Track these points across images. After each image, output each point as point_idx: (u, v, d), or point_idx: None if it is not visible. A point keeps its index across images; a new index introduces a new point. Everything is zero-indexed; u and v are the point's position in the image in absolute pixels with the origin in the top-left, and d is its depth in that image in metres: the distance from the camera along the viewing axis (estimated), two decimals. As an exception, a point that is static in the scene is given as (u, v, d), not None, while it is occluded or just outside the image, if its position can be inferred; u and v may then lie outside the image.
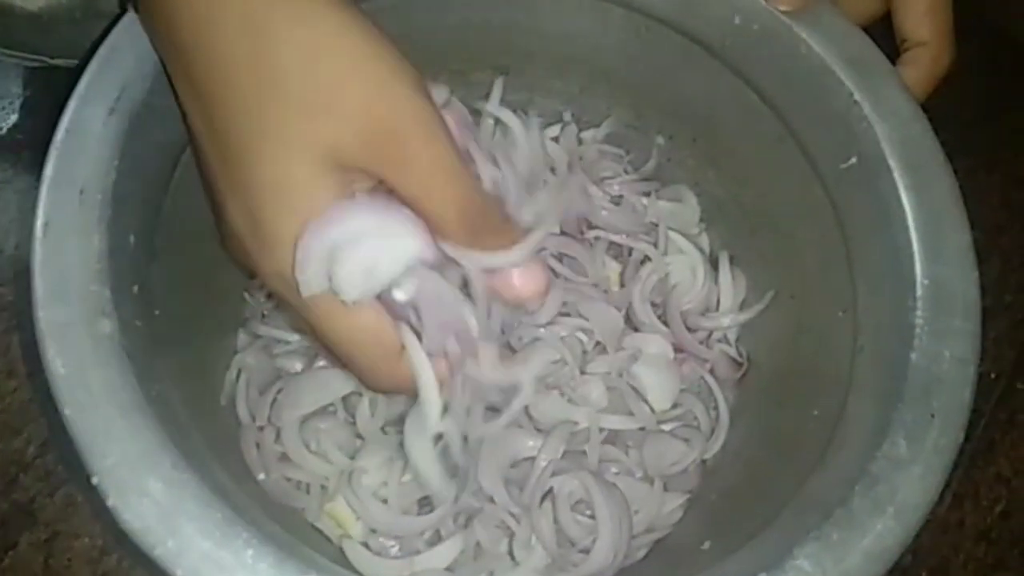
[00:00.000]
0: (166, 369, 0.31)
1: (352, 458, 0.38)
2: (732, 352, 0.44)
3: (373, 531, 0.38)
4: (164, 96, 0.32)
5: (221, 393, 0.39)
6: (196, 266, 0.38)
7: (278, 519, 0.36)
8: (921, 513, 0.28)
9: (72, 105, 0.30)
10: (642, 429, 0.42)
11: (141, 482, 0.25)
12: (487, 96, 0.46)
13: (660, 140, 0.47)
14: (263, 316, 0.43)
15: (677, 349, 0.43)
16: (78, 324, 0.27)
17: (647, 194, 0.46)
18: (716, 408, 0.43)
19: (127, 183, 0.30)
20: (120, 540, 0.27)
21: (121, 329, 0.28)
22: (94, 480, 0.25)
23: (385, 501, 0.38)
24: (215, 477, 0.27)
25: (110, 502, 0.25)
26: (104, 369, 0.27)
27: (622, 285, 0.45)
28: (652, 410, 0.42)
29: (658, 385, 0.43)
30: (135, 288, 0.30)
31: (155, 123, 0.32)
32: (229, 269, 0.42)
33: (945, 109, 0.36)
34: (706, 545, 0.36)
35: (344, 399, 0.40)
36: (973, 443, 0.48)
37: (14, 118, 0.52)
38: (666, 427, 0.42)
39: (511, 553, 0.38)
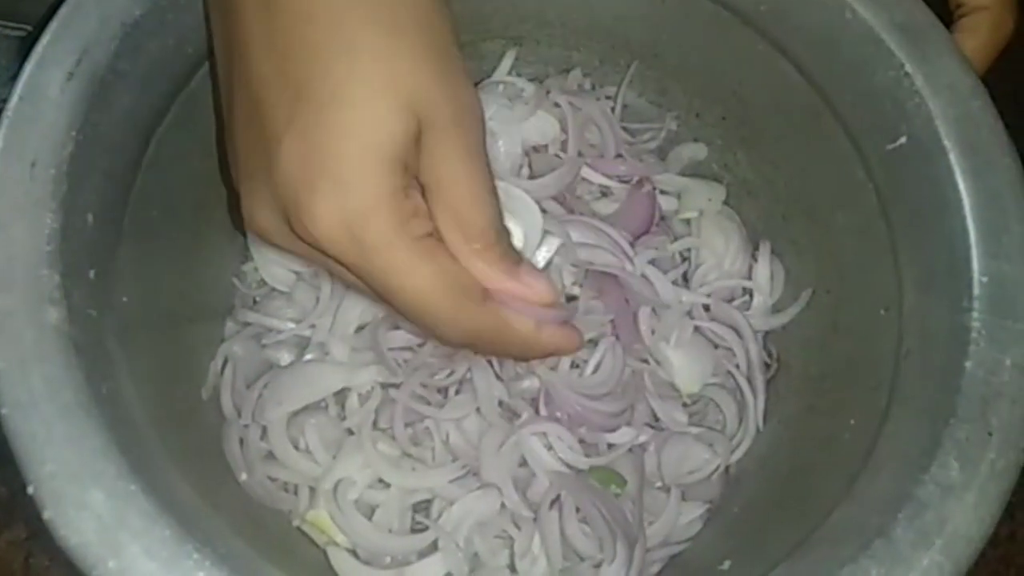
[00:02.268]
0: (133, 363, 0.28)
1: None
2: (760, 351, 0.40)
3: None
4: (132, 60, 0.29)
5: (203, 386, 0.36)
6: (175, 249, 0.35)
7: (257, 524, 0.34)
8: (974, 547, 0.25)
9: (28, 69, 0.28)
10: (662, 430, 0.38)
11: (81, 493, 0.22)
12: (499, 67, 0.42)
13: (685, 117, 0.43)
14: (254, 302, 0.40)
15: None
16: (21, 313, 0.24)
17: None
18: (744, 409, 0.39)
19: (86, 156, 0.27)
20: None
21: (70, 319, 0.25)
22: (30, 489, 0.23)
23: (373, 511, 0.35)
24: (171, 487, 0.25)
25: (46, 514, 0.22)
26: (47, 364, 0.24)
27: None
28: (679, 393, 0.39)
29: (686, 365, 0.39)
30: (92, 273, 0.27)
31: (122, 90, 0.29)
32: (215, 253, 0.39)
33: (1005, 84, 0.31)
34: (726, 565, 0.33)
35: (336, 394, 0.37)
36: None
37: (5, 90, 0.49)
38: (693, 430, 0.39)
39: (512, 566, 0.35)
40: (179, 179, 0.35)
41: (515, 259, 0.27)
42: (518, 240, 0.30)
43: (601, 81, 0.43)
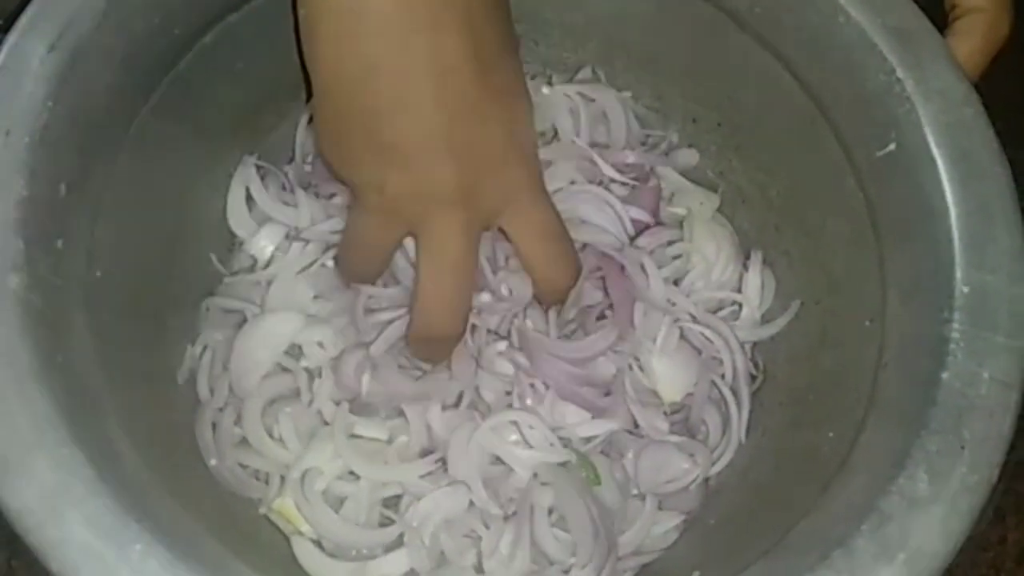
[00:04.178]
0: (100, 339, 0.28)
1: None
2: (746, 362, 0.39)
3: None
4: (116, 37, 0.29)
5: (179, 370, 0.36)
6: (158, 230, 0.35)
7: (221, 512, 0.34)
8: (938, 563, 0.24)
9: (10, 39, 0.28)
10: (641, 437, 0.37)
11: (26, 458, 0.22)
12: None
13: (681, 123, 0.42)
14: (235, 288, 0.40)
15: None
16: (-19, 277, 0.24)
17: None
18: (727, 421, 0.38)
19: (61, 127, 0.28)
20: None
21: (31, 285, 0.25)
22: (-26, 452, 0.22)
23: (342, 502, 0.34)
24: (120, 461, 0.24)
25: (-10, 478, 0.22)
26: (2, 329, 0.24)
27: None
28: (660, 400, 0.38)
29: (670, 372, 0.38)
30: (59, 243, 0.27)
31: (104, 66, 0.29)
32: (199, 236, 0.39)
33: (997, 91, 0.31)
34: (695, 575, 0.32)
35: (308, 377, 0.36)
36: (1018, 452, 0.43)
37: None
38: (672, 438, 0.38)
39: (478, 566, 0.35)
40: (164, 163, 0.35)
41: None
42: None
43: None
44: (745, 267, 0.40)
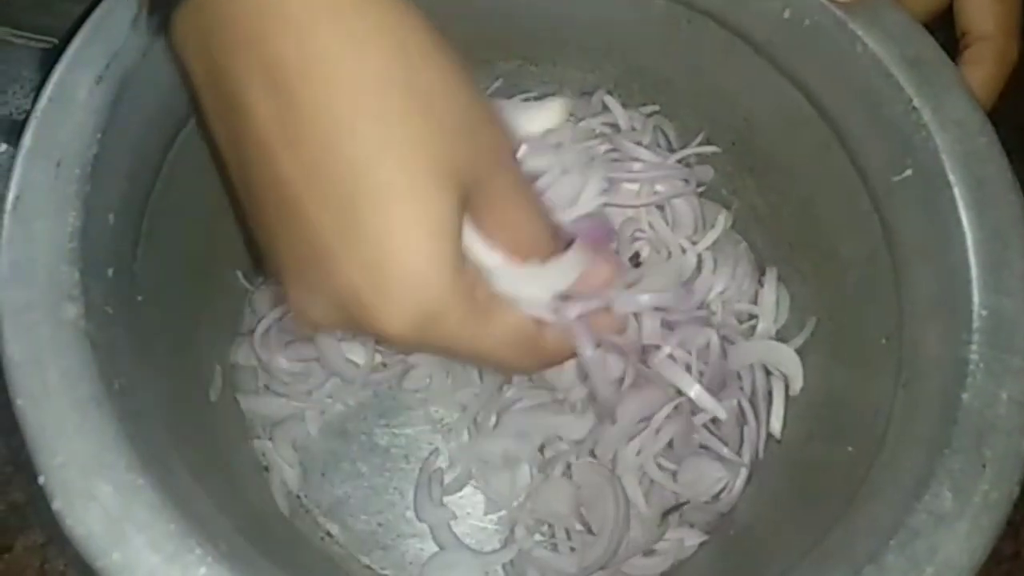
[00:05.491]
0: (144, 361, 0.29)
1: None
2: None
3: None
4: (159, 66, 0.30)
5: (211, 387, 0.37)
6: (193, 254, 0.36)
7: (261, 526, 0.34)
8: (965, 577, 0.25)
9: (57, 72, 0.28)
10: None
11: (90, 485, 0.23)
12: (515, 86, 0.43)
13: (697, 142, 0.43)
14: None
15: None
16: (40, 307, 0.25)
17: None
18: (746, 434, 0.39)
19: (110, 157, 0.28)
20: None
21: (87, 315, 0.25)
22: (40, 480, 0.23)
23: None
24: (179, 483, 0.25)
25: (55, 505, 0.23)
26: (63, 358, 0.24)
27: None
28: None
29: None
30: (110, 271, 0.28)
31: (148, 94, 0.30)
32: (229, 257, 0.40)
33: (1004, 110, 0.32)
34: (719, 587, 0.33)
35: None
36: None
37: (27, 102, 0.50)
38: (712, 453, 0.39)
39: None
40: (195, 184, 0.35)
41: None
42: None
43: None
44: (760, 283, 0.41)
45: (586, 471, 0.37)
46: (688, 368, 0.37)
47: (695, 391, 0.37)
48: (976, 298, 0.29)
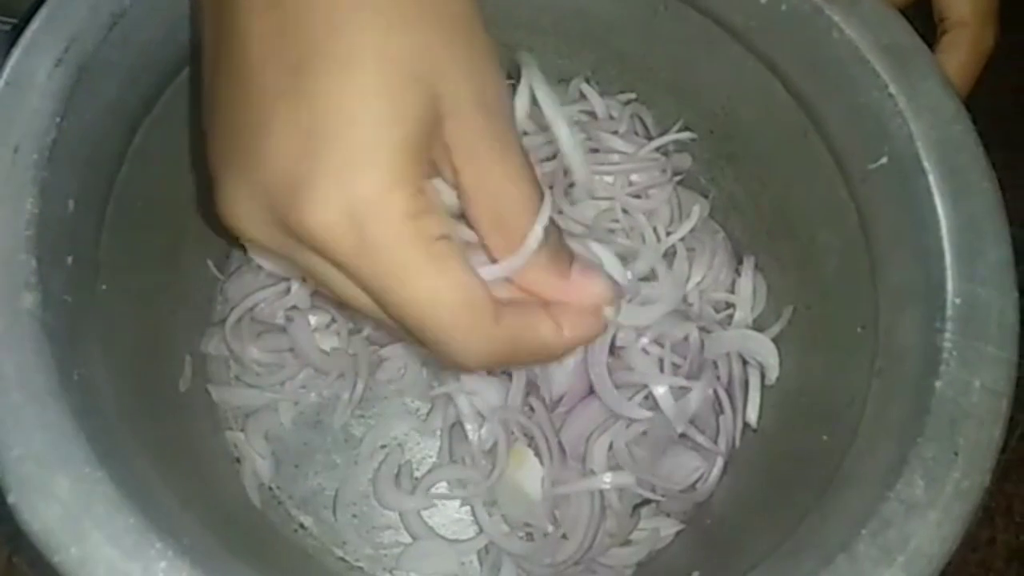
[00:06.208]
0: (108, 352, 0.28)
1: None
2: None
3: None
4: (120, 51, 0.29)
5: (180, 377, 0.36)
6: (162, 242, 0.36)
7: (228, 520, 0.34)
8: (936, 565, 0.25)
9: (15, 55, 0.28)
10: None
11: (47, 478, 0.22)
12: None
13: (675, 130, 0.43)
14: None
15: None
16: (-3, 296, 0.24)
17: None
18: (723, 423, 0.39)
19: (70, 143, 0.27)
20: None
21: (45, 304, 0.25)
22: (-3, 473, 0.22)
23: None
24: (139, 477, 0.25)
25: (11, 498, 0.22)
26: (20, 348, 0.24)
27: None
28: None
29: None
30: (70, 259, 0.27)
31: (109, 80, 0.29)
32: (199, 245, 0.39)
33: (980, 98, 0.32)
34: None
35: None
36: (1007, 454, 0.44)
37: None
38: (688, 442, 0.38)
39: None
40: (164, 171, 0.35)
41: (566, 259, 0.23)
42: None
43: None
44: (738, 272, 0.41)
45: (559, 469, 0.36)
46: (660, 363, 0.37)
47: (661, 392, 0.36)
48: (950, 286, 0.29)
